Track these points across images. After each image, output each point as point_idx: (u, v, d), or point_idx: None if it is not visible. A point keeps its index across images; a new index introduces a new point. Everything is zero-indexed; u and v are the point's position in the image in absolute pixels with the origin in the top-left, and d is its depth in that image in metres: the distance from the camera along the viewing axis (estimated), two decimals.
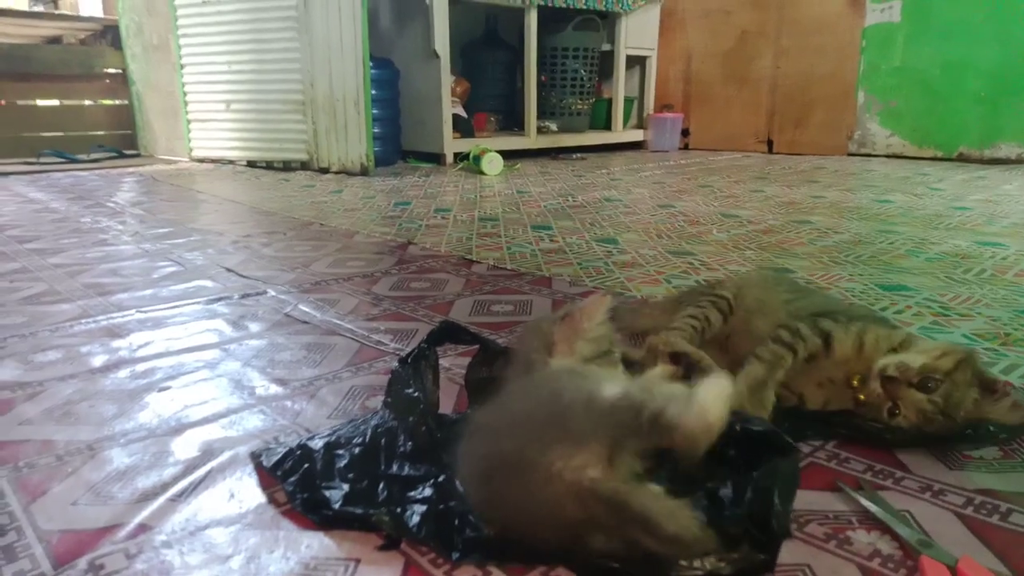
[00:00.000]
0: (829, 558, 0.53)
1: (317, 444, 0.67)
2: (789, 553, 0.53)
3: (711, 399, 0.50)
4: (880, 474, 0.65)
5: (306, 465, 0.64)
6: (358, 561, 0.54)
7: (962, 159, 3.34)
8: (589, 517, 0.50)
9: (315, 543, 0.56)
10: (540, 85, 3.65)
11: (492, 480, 0.54)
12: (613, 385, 0.55)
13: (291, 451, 0.66)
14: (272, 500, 0.62)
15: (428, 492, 0.61)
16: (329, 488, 0.61)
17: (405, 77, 3.31)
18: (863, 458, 0.68)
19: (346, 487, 0.61)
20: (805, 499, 0.60)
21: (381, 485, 0.62)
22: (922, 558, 0.51)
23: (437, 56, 3.19)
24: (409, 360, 0.79)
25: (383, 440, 0.67)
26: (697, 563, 0.49)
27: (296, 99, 3.11)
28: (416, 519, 0.57)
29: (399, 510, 0.57)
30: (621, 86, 4.00)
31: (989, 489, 0.62)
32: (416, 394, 0.72)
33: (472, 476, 0.57)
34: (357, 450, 0.67)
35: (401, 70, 3.28)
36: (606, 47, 3.90)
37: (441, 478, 0.62)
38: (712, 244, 1.63)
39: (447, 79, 3.25)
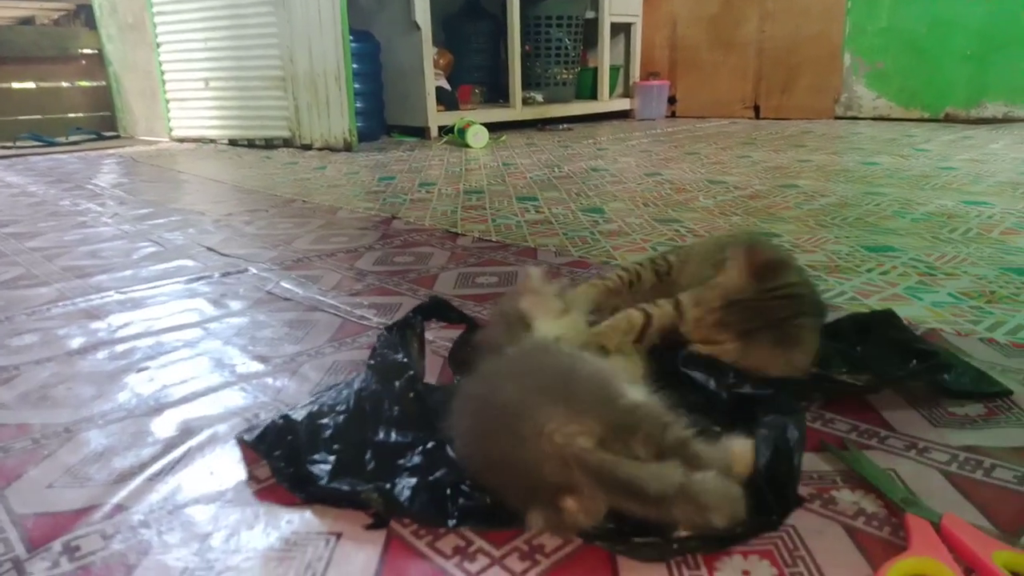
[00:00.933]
0: (813, 518, 0.53)
1: (300, 414, 0.66)
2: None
3: (739, 451, 0.53)
4: (865, 434, 0.65)
5: (289, 437, 0.63)
6: (339, 535, 0.53)
7: (949, 119, 3.32)
8: (567, 483, 0.49)
9: (296, 518, 0.55)
10: (524, 55, 3.59)
11: (483, 425, 0.55)
12: (637, 391, 0.55)
13: (273, 424, 0.65)
14: (252, 477, 0.61)
15: (417, 460, 0.60)
16: (315, 462, 0.60)
17: (386, 50, 3.25)
18: (847, 418, 0.67)
19: (332, 459, 0.60)
20: None
21: (368, 454, 0.61)
22: (906, 516, 0.51)
23: (418, 28, 3.13)
24: (395, 327, 0.78)
25: (368, 406, 0.66)
26: (703, 531, 0.49)
27: (276, 75, 3.05)
28: (407, 493, 0.56)
29: (388, 486, 0.56)
30: (606, 54, 3.95)
31: (973, 445, 0.62)
32: (403, 359, 0.71)
33: (466, 421, 0.57)
34: (341, 418, 0.66)
35: (382, 43, 3.22)
36: (590, 15, 3.84)
37: (430, 444, 0.61)
38: (699, 211, 1.62)
39: (429, 51, 3.20)
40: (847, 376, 0.71)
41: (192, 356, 0.88)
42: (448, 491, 0.56)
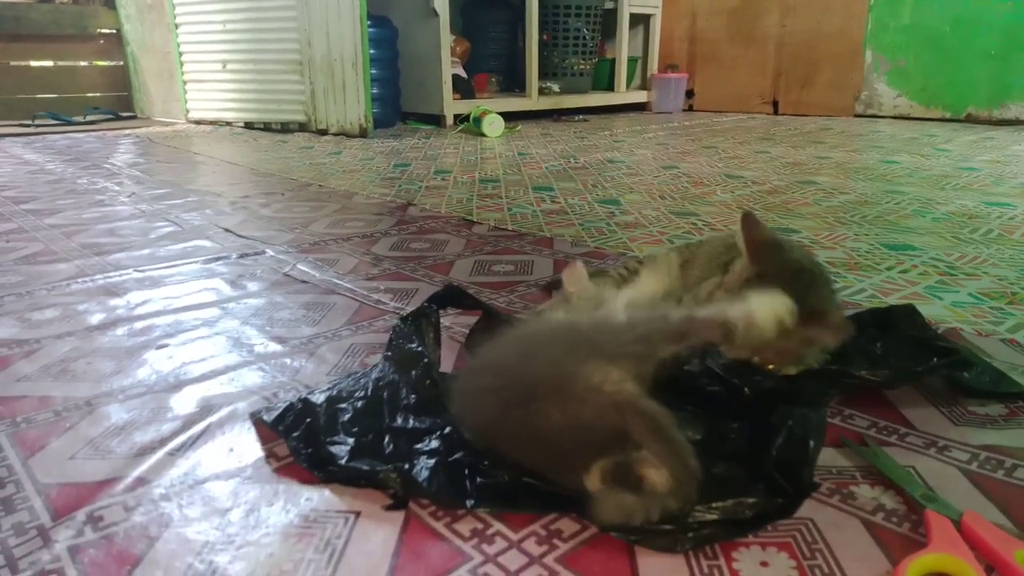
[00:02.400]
0: (832, 512, 0.53)
1: (318, 398, 0.67)
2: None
3: (757, 303, 0.55)
4: (884, 430, 0.65)
5: (308, 419, 0.64)
6: (358, 514, 0.53)
7: (970, 120, 3.28)
8: (625, 429, 0.51)
9: (315, 496, 0.56)
10: (542, 44, 3.58)
11: (516, 400, 0.55)
12: (622, 311, 0.59)
13: (292, 405, 0.65)
14: (272, 455, 0.61)
15: (435, 444, 0.60)
16: (334, 443, 0.61)
17: (403, 36, 3.24)
18: (867, 414, 0.67)
19: (351, 441, 0.61)
20: None
21: (387, 438, 0.61)
22: (926, 512, 0.51)
23: (436, 14, 3.12)
24: (410, 318, 0.78)
25: (385, 393, 0.67)
26: (716, 504, 0.49)
27: (293, 59, 3.05)
28: (426, 473, 0.56)
29: (407, 466, 0.57)
30: (624, 45, 3.92)
31: (994, 445, 0.62)
32: (419, 348, 0.72)
33: (489, 400, 0.58)
34: (360, 403, 0.66)
35: (399, 29, 3.21)
36: (609, 5, 3.81)
37: (447, 430, 0.61)
38: (716, 205, 1.61)
39: (447, 38, 3.19)
40: (866, 372, 0.70)
41: (210, 335, 0.89)
42: (467, 472, 0.56)
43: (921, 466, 0.59)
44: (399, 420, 0.64)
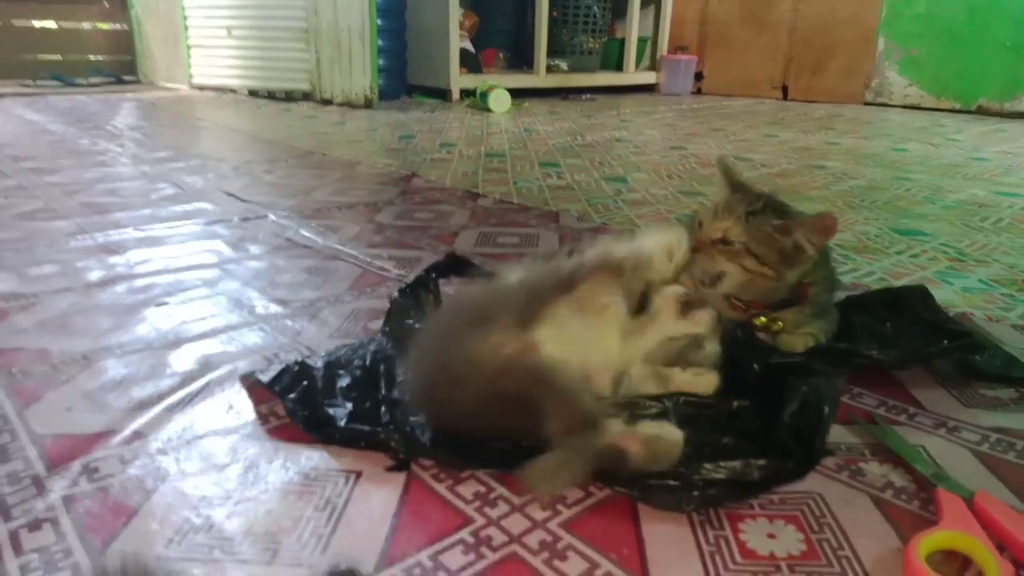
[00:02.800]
0: (840, 488, 0.52)
1: (317, 363, 0.66)
2: (800, 482, 0.52)
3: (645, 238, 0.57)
4: (893, 410, 0.64)
5: (305, 382, 0.62)
6: (359, 474, 0.53)
7: (981, 111, 3.25)
8: (523, 391, 0.50)
9: (315, 455, 0.55)
10: (551, 21, 3.53)
11: (435, 391, 0.56)
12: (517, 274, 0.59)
13: (288, 367, 0.64)
14: (272, 413, 0.60)
15: None
16: (332, 406, 0.60)
17: (412, 8, 3.20)
18: (876, 393, 0.66)
19: (350, 406, 0.60)
20: None
21: (383, 408, 0.60)
22: (937, 490, 0.50)
23: None
24: (409, 289, 0.77)
25: (382, 366, 0.66)
26: (724, 464, 0.49)
27: (299, 27, 3.01)
28: (428, 435, 0.56)
29: (408, 429, 0.56)
30: (635, 25, 3.87)
31: (1004, 427, 0.61)
32: (417, 325, 0.71)
33: (418, 393, 0.58)
34: (358, 372, 0.65)
35: (407, 0, 3.16)
36: None
37: None
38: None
39: (455, 11, 3.14)
40: (876, 352, 0.69)
41: (211, 295, 0.87)
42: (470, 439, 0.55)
43: (931, 446, 0.58)
44: (395, 394, 0.62)
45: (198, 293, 0.88)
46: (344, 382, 0.64)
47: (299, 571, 0.43)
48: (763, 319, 0.70)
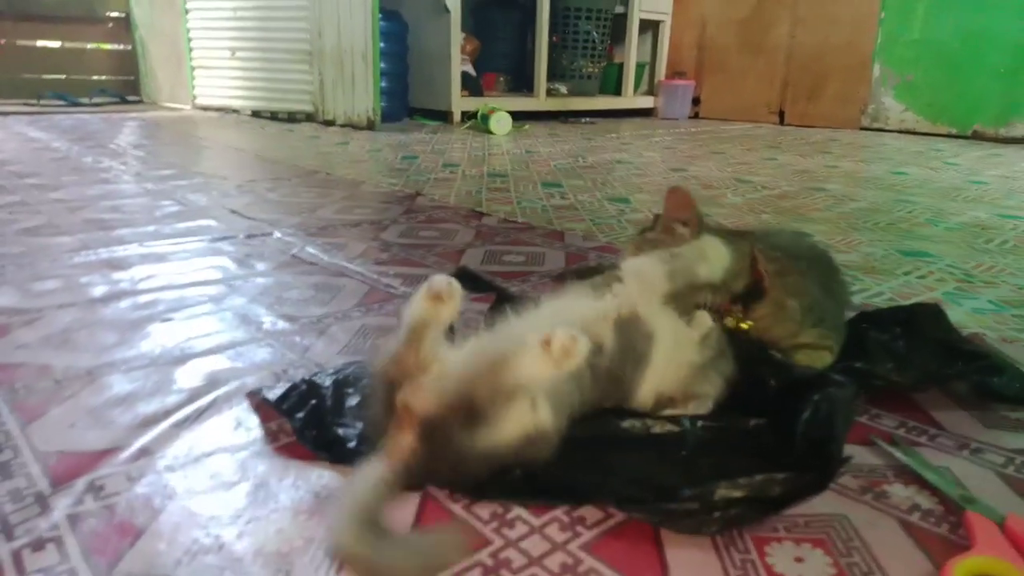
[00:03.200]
0: (866, 510, 0.51)
1: (325, 381, 0.64)
2: (824, 504, 0.51)
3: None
4: (913, 431, 0.63)
5: (313, 401, 0.61)
6: None
7: (976, 136, 3.28)
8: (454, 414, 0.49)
9: (326, 473, 0.53)
10: (551, 46, 3.56)
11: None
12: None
13: (295, 385, 0.63)
14: (281, 430, 0.59)
15: None
16: (343, 426, 0.58)
17: (414, 32, 3.23)
18: (895, 414, 0.65)
19: (360, 426, 0.58)
20: None
21: None
22: (967, 513, 0.49)
23: (447, 11, 3.10)
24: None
25: None
26: (743, 481, 0.47)
27: (303, 49, 3.03)
28: None
29: None
30: (633, 50, 3.91)
31: None
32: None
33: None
34: (368, 390, 0.64)
35: (410, 24, 3.20)
36: (620, 9, 3.80)
37: None
38: (727, 207, 1.60)
39: (457, 35, 3.17)
40: (894, 374, 0.68)
41: (217, 311, 0.86)
42: None
43: (955, 467, 0.57)
44: None
45: (204, 309, 0.87)
46: (353, 401, 0.62)
47: None
48: (732, 319, 0.68)
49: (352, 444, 0.56)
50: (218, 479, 0.52)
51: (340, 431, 0.58)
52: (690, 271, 0.65)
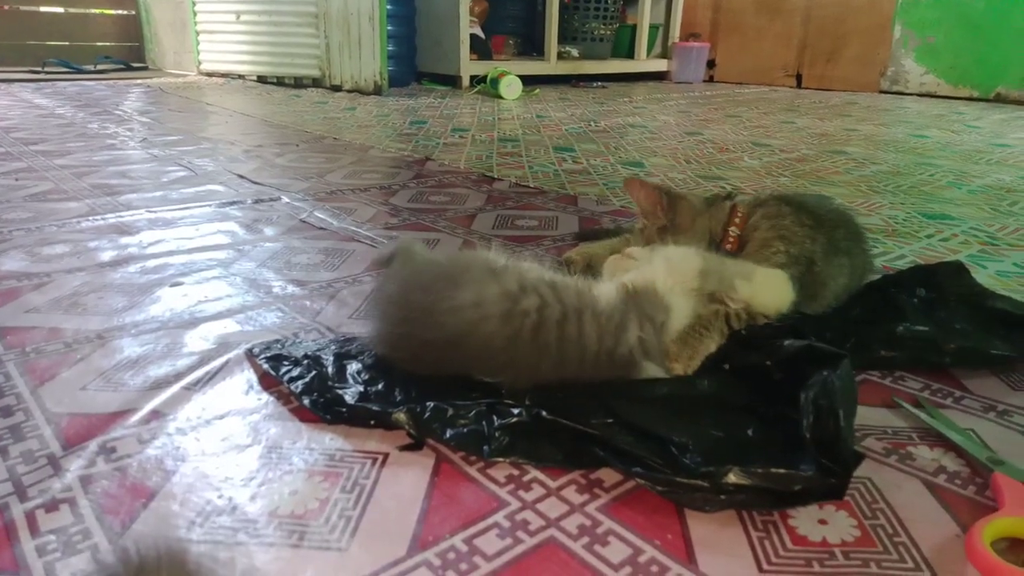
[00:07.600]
0: (891, 472, 0.50)
1: (327, 355, 0.62)
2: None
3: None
4: (938, 393, 0.61)
5: (314, 372, 0.59)
6: (386, 456, 0.50)
7: (999, 99, 3.19)
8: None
9: (340, 437, 0.53)
10: (562, 7, 3.48)
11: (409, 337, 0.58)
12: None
13: (297, 360, 0.61)
14: (294, 393, 0.58)
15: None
16: (343, 388, 0.57)
17: None
18: (919, 377, 0.63)
19: (360, 388, 0.57)
20: (860, 415, 0.56)
21: (397, 389, 0.57)
22: (995, 475, 0.48)
23: None
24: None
25: None
26: (759, 471, 0.46)
27: (309, 11, 2.98)
28: (439, 425, 0.52)
29: (419, 408, 0.53)
30: (647, 12, 3.82)
31: None
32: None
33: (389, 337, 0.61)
34: (370, 360, 0.62)
35: None
36: None
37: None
38: (744, 171, 1.56)
39: None
40: (948, 357, 0.64)
41: (226, 275, 0.85)
42: (483, 423, 0.52)
43: (981, 429, 0.55)
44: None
45: (213, 273, 0.86)
46: (354, 368, 0.60)
47: (327, 554, 0.41)
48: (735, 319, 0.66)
49: (351, 401, 0.54)
50: (230, 441, 0.52)
51: (340, 392, 0.56)
52: (727, 284, 0.64)
